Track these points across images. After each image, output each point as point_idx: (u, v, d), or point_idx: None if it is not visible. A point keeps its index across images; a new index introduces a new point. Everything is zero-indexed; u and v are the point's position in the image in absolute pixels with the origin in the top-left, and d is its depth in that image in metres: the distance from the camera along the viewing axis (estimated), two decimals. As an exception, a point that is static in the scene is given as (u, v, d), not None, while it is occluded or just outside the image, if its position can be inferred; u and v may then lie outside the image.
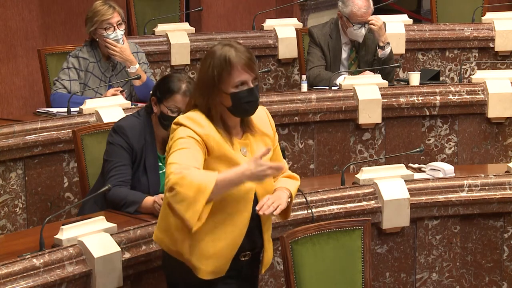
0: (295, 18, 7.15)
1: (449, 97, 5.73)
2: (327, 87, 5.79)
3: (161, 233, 3.55)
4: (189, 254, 3.42)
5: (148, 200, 4.09)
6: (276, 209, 3.38)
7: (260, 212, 3.35)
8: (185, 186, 3.21)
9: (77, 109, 5.23)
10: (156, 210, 4.00)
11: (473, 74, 6.06)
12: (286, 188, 3.55)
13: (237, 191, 3.36)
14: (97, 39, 5.54)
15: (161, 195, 4.06)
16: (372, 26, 6.03)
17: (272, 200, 3.39)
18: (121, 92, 5.47)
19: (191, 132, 3.35)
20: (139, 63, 5.61)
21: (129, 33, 6.22)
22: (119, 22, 5.52)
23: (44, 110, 5.40)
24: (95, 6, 5.55)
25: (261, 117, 3.56)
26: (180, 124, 3.39)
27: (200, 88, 3.43)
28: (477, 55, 6.78)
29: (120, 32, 5.52)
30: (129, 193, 4.16)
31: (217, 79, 3.37)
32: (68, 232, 3.68)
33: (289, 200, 3.54)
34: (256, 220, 3.50)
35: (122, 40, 5.53)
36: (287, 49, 6.77)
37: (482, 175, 4.81)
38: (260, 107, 3.58)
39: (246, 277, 3.59)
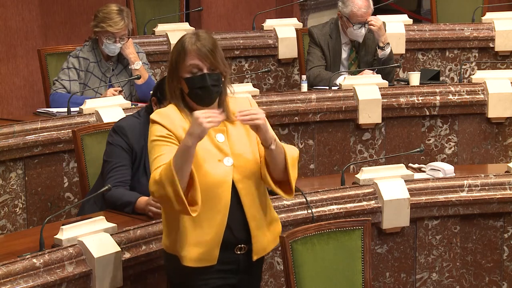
0: (295, 18, 7.16)
1: (449, 97, 5.73)
2: (327, 87, 5.79)
3: (163, 233, 3.58)
4: (176, 243, 3.45)
5: (142, 200, 4.08)
6: (250, 118, 3.34)
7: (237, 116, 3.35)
8: (159, 187, 3.32)
9: (77, 109, 5.23)
10: (148, 211, 4.00)
11: (473, 74, 6.06)
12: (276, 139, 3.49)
13: (214, 176, 3.41)
14: (97, 37, 5.56)
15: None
16: (371, 26, 6.03)
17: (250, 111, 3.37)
18: (119, 92, 5.47)
19: (160, 128, 3.43)
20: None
21: (129, 33, 6.22)
22: (122, 36, 5.50)
23: (44, 110, 5.40)
24: (108, 11, 5.47)
25: (242, 105, 3.58)
26: (151, 121, 3.48)
27: (168, 75, 3.55)
28: (477, 55, 6.78)
29: (119, 45, 5.51)
30: (125, 193, 4.15)
31: (175, 64, 3.49)
32: (68, 232, 3.68)
33: (272, 139, 3.43)
34: (240, 209, 3.48)
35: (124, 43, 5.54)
36: (287, 49, 6.77)
37: (482, 175, 4.81)
38: (244, 96, 3.65)
39: (246, 271, 3.57)
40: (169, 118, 3.45)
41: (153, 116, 3.49)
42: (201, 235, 3.43)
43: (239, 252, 3.53)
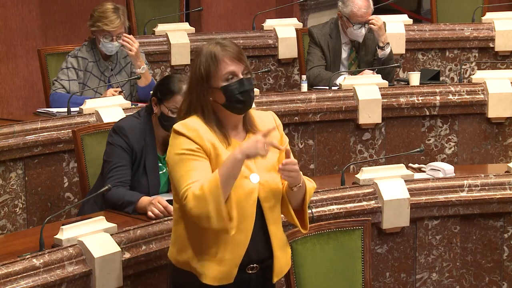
0: (295, 18, 7.16)
1: (449, 97, 5.73)
2: (327, 87, 5.80)
3: (171, 247, 3.49)
4: (195, 260, 3.36)
5: (144, 200, 4.07)
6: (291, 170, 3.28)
7: (280, 166, 3.28)
8: (201, 202, 3.21)
9: (77, 109, 5.23)
10: (149, 211, 4.00)
11: (473, 74, 6.06)
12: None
13: (239, 193, 3.31)
14: (95, 37, 5.56)
15: (159, 197, 4.06)
16: (372, 26, 6.03)
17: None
18: (120, 93, 5.47)
19: (189, 141, 3.32)
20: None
21: (129, 33, 6.22)
22: (119, 34, 5.50)
23: (44, 110, 5.40)
24: (104, 10, 5.47)
25: (267, 121, 3.51)
26: (177, 132, 3.35)
27: (192, 90, 3.40)
28: (477, 55, 6.78)
29: (116, 44, 5.51)
30: (126, 193, 4.15)
31: (206, 76, 3.35)
32: (68, 232, 3.68)
33: (301, 184, 3.40)
34: (262, 227, 3.40)
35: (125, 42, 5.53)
36: (287, 49, 6.77)
37: (482, 175, 4.81)
38: (267, 112, 3.56)
39: None
40: (195, 131, 3.33)
41: (178, 128, 3.34)
42: (223, 252, 3.33)
43: (250, 272, 3.42)
